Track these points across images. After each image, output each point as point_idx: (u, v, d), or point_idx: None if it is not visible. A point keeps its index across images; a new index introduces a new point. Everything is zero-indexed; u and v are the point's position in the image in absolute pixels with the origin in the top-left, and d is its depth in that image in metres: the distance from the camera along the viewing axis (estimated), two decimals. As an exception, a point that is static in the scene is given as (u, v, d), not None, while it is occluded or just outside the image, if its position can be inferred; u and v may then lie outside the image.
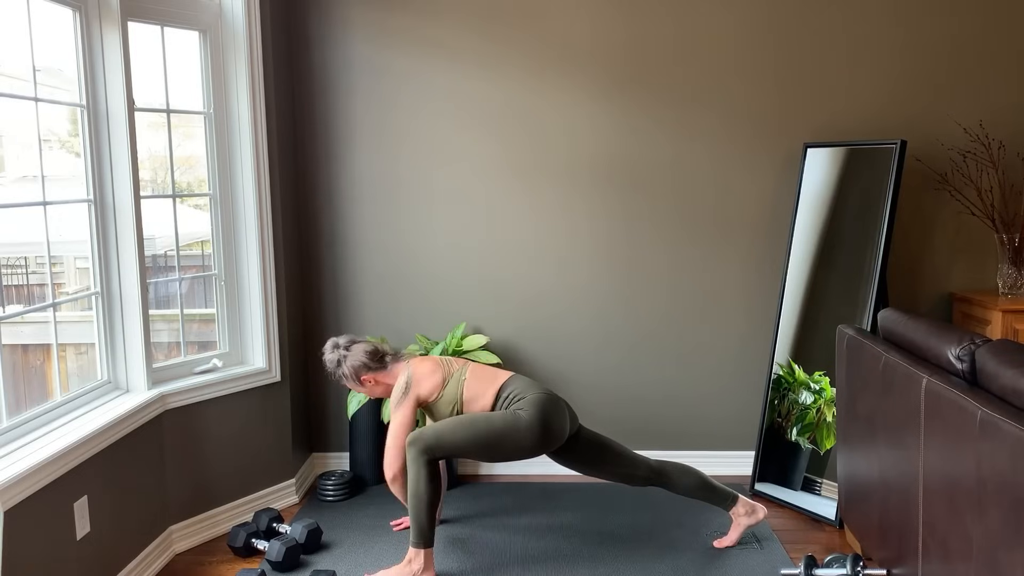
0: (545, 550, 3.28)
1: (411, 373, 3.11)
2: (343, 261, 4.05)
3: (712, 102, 3.90)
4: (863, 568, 2.92)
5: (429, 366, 3.13)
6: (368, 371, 3.17)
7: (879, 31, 3.83)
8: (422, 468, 2.95)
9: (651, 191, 3.96)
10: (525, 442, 2.99)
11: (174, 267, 3.46)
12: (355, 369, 3.16)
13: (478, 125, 3.95)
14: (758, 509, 3.30)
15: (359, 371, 3.17)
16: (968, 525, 2.04)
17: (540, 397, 3.04)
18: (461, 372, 3.13)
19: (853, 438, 2.95)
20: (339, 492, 3.78)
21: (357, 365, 3.16)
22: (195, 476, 3.40)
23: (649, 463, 3.21)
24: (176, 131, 3.49)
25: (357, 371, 3.17)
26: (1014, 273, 3.72)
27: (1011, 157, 3.87)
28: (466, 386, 3.08)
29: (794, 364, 3.72)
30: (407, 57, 3.92)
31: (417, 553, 2.97)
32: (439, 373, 3.11)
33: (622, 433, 4.07)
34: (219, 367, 3.54)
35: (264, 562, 3.18)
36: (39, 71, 2.78)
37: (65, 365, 3.20)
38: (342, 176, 4.00)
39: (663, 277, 4.00)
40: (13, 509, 2.37)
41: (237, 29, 3.45)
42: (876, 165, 3.57)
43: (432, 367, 3.13)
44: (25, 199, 2.89)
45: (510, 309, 4.05)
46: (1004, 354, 2.13)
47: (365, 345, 3.20)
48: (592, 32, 3.88)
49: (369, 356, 3.17)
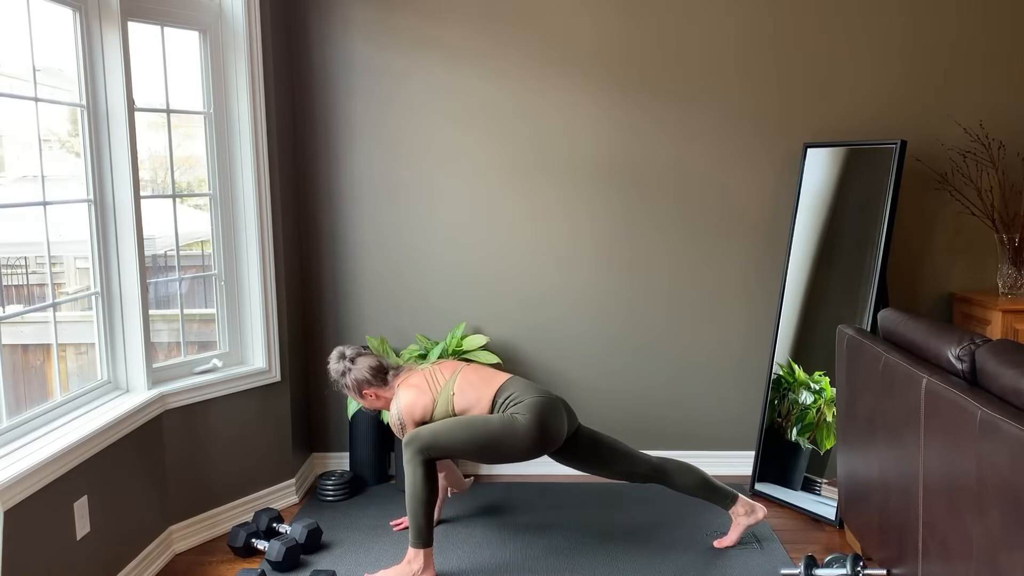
0: (545, 550, 3.28)
1: (400, 408, 3.12)
2: (343, 261, 4.05)
3: (712, 102, 3.90)
4: (863, 568, 2.92)
5: (414, 393, 3.12)
6: (370, 387, 3.21)
7: (879, 31, 3.83)
8: (419, 468, 2.96)
9: (651, 191, 3.96)
10: (522, 445, 3.00)
11: (174, 267, 3.46)
12: (358, 383, 3.21)
13: (478, 125, 3.95)
14: (757, 509, 3.30)
15: (362, 385, 3.22)
16: (968, 525, 2.04)
17: (537, 400, 3.04)
18: (449, 387, 3.12)
19: (853, 438, 2.95)
20: (339, 492, 3.78)
21: (360, 380, 3.21)
22: (195, 476, 3.40)
23: (650, 460, 3.22)
24: (176, 131, 3.49)
25: (360, 385, 3.22)
26: (1014, 273, 3.72)
27: (1011, 157, 3.87)
28: (455, 401, 3.09)
29: (794, 364, 3.72)
30: (407, 57, 3.92)
31: (417, 553, 2.97)
32: (427, 395, 3.11)
33: (622, 433, 4.07)
34: (219, 367, 3.54)
35: (264, 562, 3.18)
36: (39, 71, 2.78)
37: (65, 365, 3.20)
38: (342, 176, 4.00)
39: (663, 277, 4.00)
40: (13, 509, 2.37)
41: (237, 29, 3.45)
42: (876, 165, 3.57)
43: (417, 393, 3.12)
44: (25, 199, 2.89)
45: (510, 309, 4.05)
46: (1004, 354, 2.13)
47: (370, 359, 3.23)
48: (592, 32, 3.88)
49: (372, 372, 3.20)
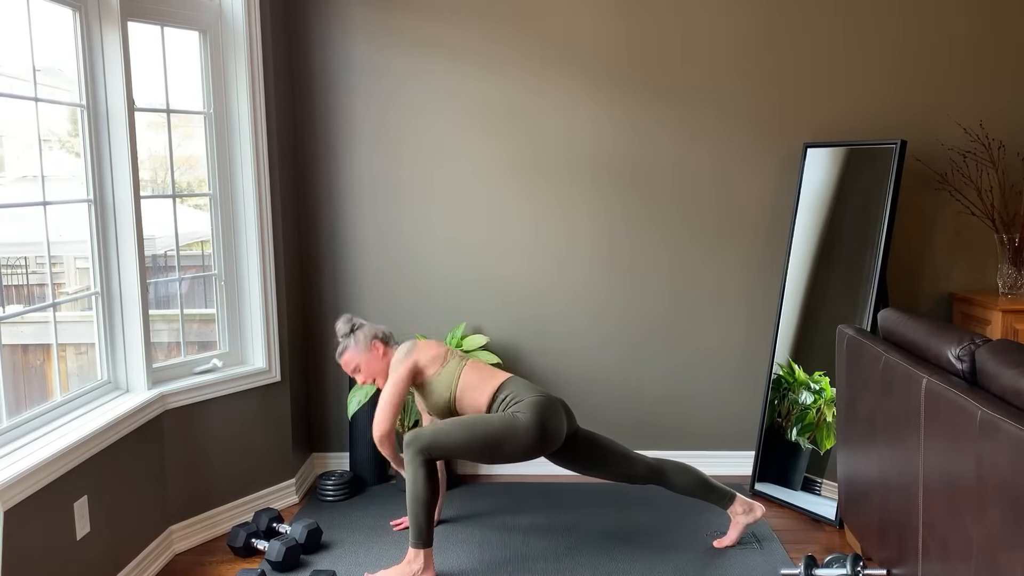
0: (545, 550, 3.28)
1: (415, 342, 3.24)
2: (343, 261, 4.05)
3: (712, 102, 3.90)
4: (863, 568, 2.92)
5: (434, 343, 3.26)
6: (377, 341, 3.26)
7: (879, 31, 3.83)
8: (419, 468, 2.96)
9: (651, 190, 3.96)
10: (522, 444, 3.00)
11: (174, 267, 3.46)
12: (367, 335, 3.26)
13: (478, 125, 3.95)
14: (756, 507, 3.30)
15: (370, 336, 3.26)
16: (968, 525, 2.04)
17: (538, 400, 3.05)
18: (462, 360, 3.22)
19: (853, 438, 2.95)
20: (339, 492, 3.78)
21: (370, 335, 3.27)
22: (195, 476, 3.40)
23: (648, 462, 3.22)
24: (176, 131, 3.49)
25: (368, 336, 3.26)
26: (1014, 273, 3.72)
27: (1011, 157, 3.87)
28: (464, 372, 3.16)
29: (794, 364, 3.72)
30: (407, 57, 3.92)
31: (417, 553, 2.97)
32: (442, 350, 3.22)
33: (622, 433, 4.07)
34: (219, 367, 3.54)
35: (264, 562, 3.18)
36: (39, 71, 2.78)
37: (65, 365, 3.20)
38: (342, 176, 4.00)
39: (663, 277, 4.00)
40: (13, 509, 2.37)
41: (237, 29, 3.45)
42: (876, 165, 3.57)
43: (436, 344, 3.25)
44: (25, 199, 2.89)
45: (510, 309, 4.05)
46: (1004, 354, 2.13)
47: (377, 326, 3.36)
48: (593, 32, 3.88)
49: (381, 333, 3.30)
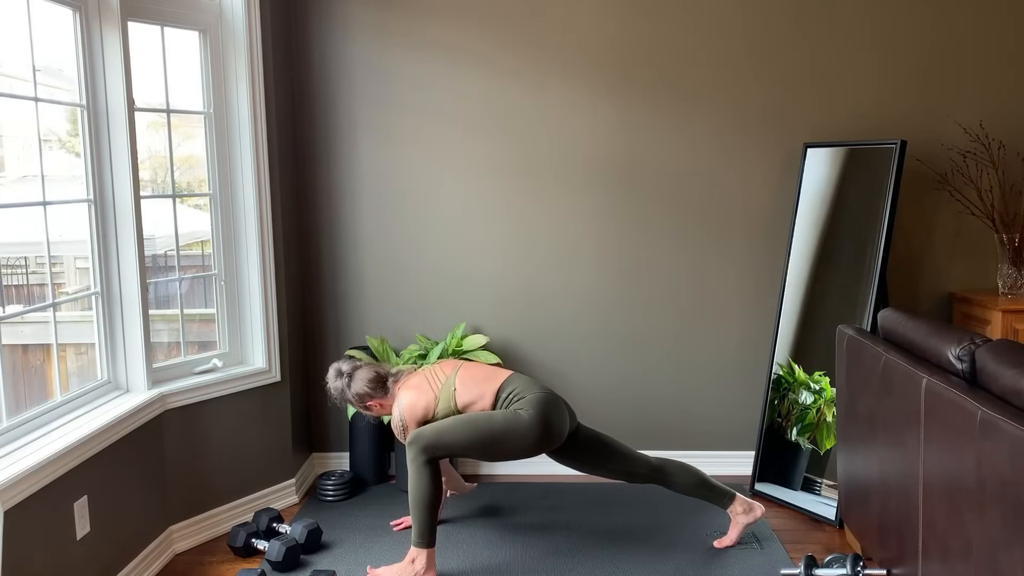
0: (546, 550, 3.28)
1: (401, 410, 3.12)
2: (343, 261, 4.05)
3: (712, 102, 3.90)
4: (863, 568, 2.92)
5: (414, 394, 3.13)
6: (372, 398, 3.22)
7: (879, 31, 3.83)
8: (422, 467, 2.96)
9: (651, 190, 3.96)
10: (525, 441, 3.00)
11: (174, 267, 3.46)
12: (360, 397, 3.22)
13: (479, 125, 3.95)
14: (755, 507, 3.30)
15: (364, 399, 3.23)
16: (968, 525, 2.04)
17: (540, 396, 3.05)
18: (450, 383, 3.12)
19: (853, 438, 2.95)
20: (339, 492, 3.78)
21: (362, 394, 3.21)
22: (195, 476, 3.40)
23: (648, 461, 3.22)
24: (176, 131, 3.49)
25: (362, 399, 3.23)
26: (1014, 273, 3.72)
27: (1011, 157, 3.87)
28: (457, 396, 3.09)
29: (794, 364, 3.72)
30: (408, 57, 3.92)
31: (419, 553, 2.97)
32: (428, 394, 3.11)
33: (622, 432, 4.07)
34: (219, 367, 3.54)
35: (264, 562, 3.18)
36: (39, 71, 2.78)
37: (65, 365, 3.20)
38: (342, 176, 4.00)
39: (663, 276, 4.00)
40: (13, 509, 2.37)
41: (237, 29, 3.45)
42: (876, 165, 3.57)
43: (417, 393, 3.13)
44: (25, 199, 2.89)
45: (510, 309, 4.05)
46: (1004, 354, 2.13)
47: (367, 371, 3.22)
48: (593, 33, 3.87)
49: (372, 384, 3.20)
